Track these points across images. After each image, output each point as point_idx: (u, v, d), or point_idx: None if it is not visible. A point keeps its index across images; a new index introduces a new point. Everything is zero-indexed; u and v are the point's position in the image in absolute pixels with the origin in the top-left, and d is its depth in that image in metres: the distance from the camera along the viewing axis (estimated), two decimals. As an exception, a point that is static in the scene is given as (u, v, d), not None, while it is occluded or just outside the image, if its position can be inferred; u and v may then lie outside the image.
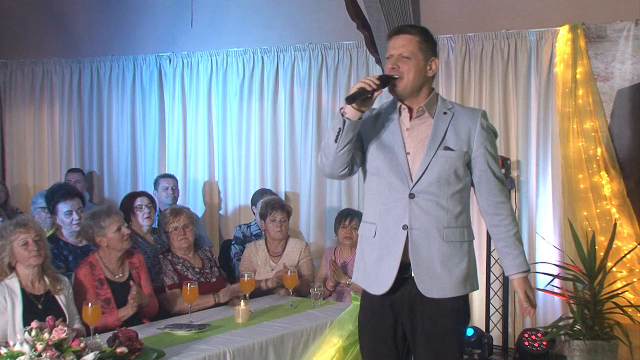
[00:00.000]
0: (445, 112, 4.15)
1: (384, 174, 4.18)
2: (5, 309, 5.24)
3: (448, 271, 4.10)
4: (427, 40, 4.14)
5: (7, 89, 10.88)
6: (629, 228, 7.26)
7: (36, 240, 5.38)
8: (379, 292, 4.17)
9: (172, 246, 6.68)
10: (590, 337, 6.58)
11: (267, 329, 5.68)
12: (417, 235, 4.07)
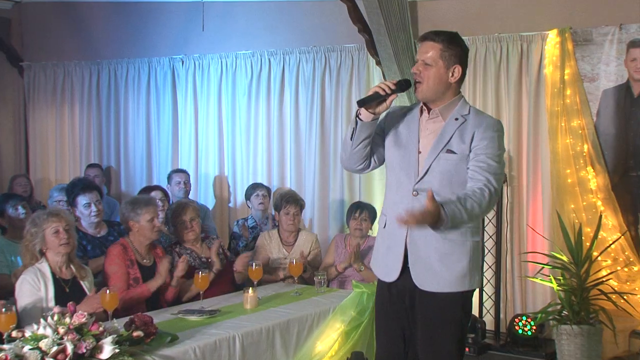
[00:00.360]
0: (457, 118, 4.13)
1: (395, 170, 4.25)
2: (39, 289, 5.31)
3: (446, 267, 4.11)
4: (451, 47, 4.10)
5: (31, 89, 10.87)
6: (613, 220, 7.27)
7: (66, 229, 5.46)
8: (388, 279, 4.24)
9: (181, 238, 6.70)
10: (576, 322, 6.64)
11: (273, 315, 5.70)
12: (416, 232, 4.09)
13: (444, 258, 4.11)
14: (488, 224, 7.78)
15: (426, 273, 4.11)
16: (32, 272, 5.38)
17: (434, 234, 4.05)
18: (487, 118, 4.23)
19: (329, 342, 5.78)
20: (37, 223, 5.46)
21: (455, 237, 4.11)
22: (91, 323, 4.37)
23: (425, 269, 4.11)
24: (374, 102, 4.00)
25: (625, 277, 7.14)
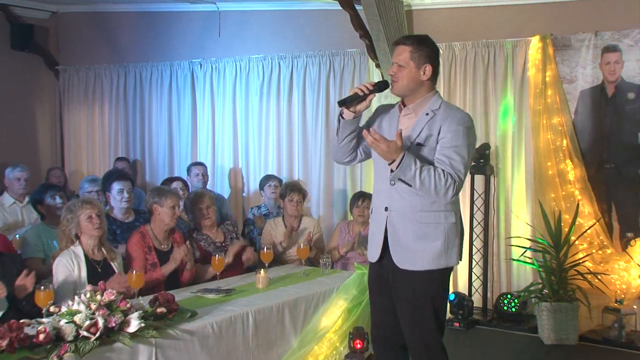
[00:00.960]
0: (427, 113, 4.14)
1: (378, 162, 4.24)
2: (73, 269, 5.35)
3: (422, 248, 4.13)
4: (420, 49, 4.12)
5: (66, 90, 10.87)
6: (589, 208, 7.28)
7: (98, 215, 5.50)
8: (372, 260, 4.30)
9: (198, 224, 6.72)
10: (556, 299, 6.71)
11: (283, 294, 5.72)
12: (394, 216, 4.14)
13: (419, 239, 4.13)
14: (477, 211, 7.81)
15: (404, 253, 4.14)
16: (67, 254, 5.43)
17: (410, 218, 4.10)
18: (455, 112, 4.22)
19: (333, 318, 5.78)
20: (73, 210, 5.52)
21: (430, 221, 4.13)
22: (119, 300, 4.39)
23: (403, 249, 4.14)
24: (353, 102, 4.04)
25: (599, 259, 7.16)
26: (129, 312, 4.38)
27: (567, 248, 6.85)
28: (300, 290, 5.86)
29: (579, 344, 6.73)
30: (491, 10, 7.85)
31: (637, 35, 7.07)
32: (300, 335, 5.68)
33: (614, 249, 7.25)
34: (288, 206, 7.27)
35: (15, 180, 7.87)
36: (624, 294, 7.02)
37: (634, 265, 7.04)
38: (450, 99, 7.93)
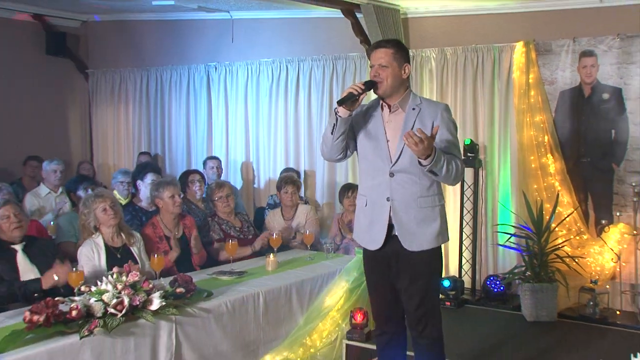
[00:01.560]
0: (414, 108, 4.19)
1: (369, 158, 4.26)
2: (93, 258, 5.40)
3: (423, 230, 4.16)
4: (399, 50, 4.19)
5: (94, 92, 10.92)
6: (568, 197, 7.28)
7: (112, 206, 5.55)
8: (373, 248, 4.27)
9: (218, 211, 6.77)
10: (537, 280, 6.69)
11: (290, 276, 5.81)
12: (397, 205, 4.14)
13: (421, 223, 4.16)
14: (467, 201, 7.79)
15: (410, 237, 4.15)
16: (88, 244, 5.48)
17: (411, 204, 4.14)
18: (438, 104, 4.32)
19: (335, 298, 5.85)
20: (87, 205, 5.56)
21: (428, 204, 4.17)
22: (142, 281, 4.48)
23: (409, 233, 4.15)
24: (349, 101, 4.04)
25: (577, 244, 7.16)
26: (151, 292, 4.47)
27: (547, 234, 6.83)
28: (306, 272, 5.96)
29: (557, 320, 6.71)
30: (480, 18, 7.83)
31: (611, 42, 7.05)
32: (306, 313, 5.76)
33: (590, 234, 7.25)
34: (283, 197, 7.37)
35: (51, 172, 7.96)
36: (598, 275, 7.02)
37: (608, 249, 7.03)
38: (443, 99, 7.94)
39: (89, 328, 4.06)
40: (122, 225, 5.72)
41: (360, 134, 4.27)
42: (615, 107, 7.10)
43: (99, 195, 5.67)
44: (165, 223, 6.23)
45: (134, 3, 9.04)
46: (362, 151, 4.30)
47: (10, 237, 5.19)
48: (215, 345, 4.92)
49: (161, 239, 6.12)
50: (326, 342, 5.70)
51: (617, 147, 7.13)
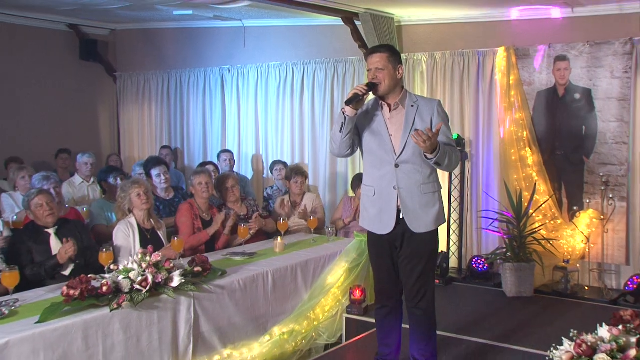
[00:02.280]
0: (412, 105, 4.22)
1: (375, 152, 4.27)
2: (128, 235, 5.51)
3: (426, 213, 4.22)
4: (393, 54, 4.23)
5: (122, 92, 10.91)
6: (544, 186, 7.31)
7: (145, 193, 5.65)
8: (383, 232, 4.28)
9: (225, 200, 6.79)
10: (516, 260, 6.72)
11: (296, 257, 5.84)
12: (403, 192, 4.18)
13: (424, 207, 4.21)
14: (454, 190, 7.80)
15: (416, 220, 4.19)
16: (124, 224, 5.59)
17: (415, 191, 4.18)
18: (433, 101, 4.34)
19: (336, 276, 5.90)
20: (125, 189, 5.67)
21: (429, 190, 4.22)
22: (164, 260, 4.54)
23: (415, 217, 4.19)
24: (355, 101, 4.06)
25: (551, 228, 7.18)
26: (172, 271, 4.52)
27: (526, 219, 6.86)
28: (310, 254, 5.98)
29: (534, 295, 6.75)
30: (466, 26, 7.85)
31: (582, 48, 7.07)
32: (310, 290, 5.80)
33: (563, 219, 7.27)
34: (293, 186, 7.40)
35: (84, 164, 8.00)
36: (570, 256, 7.06)
37: (578, 232, 7.08)
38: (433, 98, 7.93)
39: (117, 302, 4.14)
40: (152, 212, 5.82)
41: (364, 131, 4.29)
42: (586, 106, 7.12)
43: (135, 182, 5.77)
44: (200, 205, 6.34)
45: (157, 13, 9.06)
46: (367, 147, 4.32)
47: (45, 223, 5.27)
48: (229, 318, 4.98)
49: (197, 217, 6.24)
50: (328, 316, 5.75)
51: (587, 141, 7.15)
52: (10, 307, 4.08)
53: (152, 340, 4.37)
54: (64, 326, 3.88)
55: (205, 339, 4.80)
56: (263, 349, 5.15)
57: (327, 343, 5.64)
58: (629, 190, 7.03)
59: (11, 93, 9.59)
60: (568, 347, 2.99)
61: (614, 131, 7.00)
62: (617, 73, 6.94)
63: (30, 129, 9.70)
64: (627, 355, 2.91)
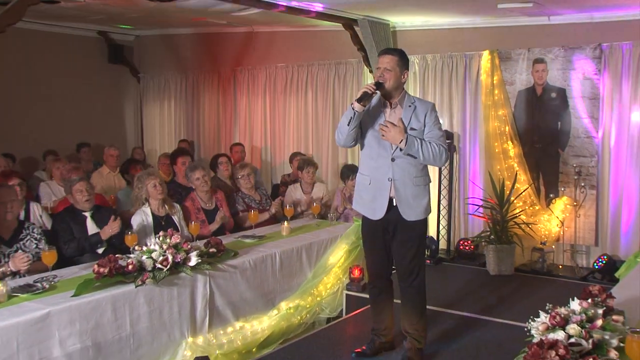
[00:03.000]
0: (409, 105, 4.19)
1: (374, 146, 4.24)
2: (143, 223, 5.54)
3: (417, 203, 4.20)
4: (402, 59, 4.18)
5: (144, 91, 10.91)
6: (524, 176, 7.33)
7: (160, 184, 5.67)
8: (375, 218, 4.26)
9: (241, 187, 6.81)
10: (499, 242, 6.77)
11: (301, 239, 5.83)
12: (398, 183, 4.16)
13: (416, 198, 4.19)
14: (444, 179, 7.80)
15: (408, 209, 4.18)
16: (140, 212, 5.62)
17: (408, 183, 4.17)
18: (428, 103, 4.31)
19: (337, 257, 5.90)
20: (141, 180, 5.68)
21: (420, 183, 4.20)
22: (182, 242, 4.55)
23: (407, 206, 4.18)
24: (365, 99, 4.06)
25: (530, 213, 7.21)
26: (189, 251, 4.54)
27: (507, 205, 6.88)
28: (314, 236, 5.98)
29: (514, 273, 6.78)
30: (454, 31, 7.85)
31: (557, 52, 7.10)
32: (314, 269, 5.80)
33: (541, 206, 7.30)
34: (305, 176, 7.34)
35: (110, 156, 8.04)
36: (546, 238, 7.10)
37: (554, 217, 7.11)
38: (424, 96, 7.97)
39: (142, 279, 4.17)
40: (166, 198, 5.81)
41: (367, 126, 4.25)
42: (561, 104, 7.15)
43: (150, 173, 5.80)
44: (201, 197, 6.27)
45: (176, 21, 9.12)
46: (368, 140, 4.28)
47: (82, 207, 5.38)
48: (240, 294, 5.00)
49: (199, 210, 6.17)
50: (330, 292, 5.76)
51: (562, 135, 7.18)
52: (50, 282, 4.14)
53: (172, 312, 4.41)
54: (96, 300, 3.93)
55: (220, 312, 4.82)
56: (271, 321, 5.17)
57: (328, 317, 5.64)
58: (598, 179, 7.07)
59: (48, 93, 9.65)
60: (544, 318, 3.02)
61: (586, 127, 7.05)
62: (588, 75, 6.98)
63: (64, 124, 9.76)
64: (594, 324, 2.96)
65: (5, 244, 4.71)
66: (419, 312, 4.40)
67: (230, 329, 4.88)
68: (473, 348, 4.67)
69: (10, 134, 8.99)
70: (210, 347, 4.60)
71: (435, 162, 4.17)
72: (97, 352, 3.91)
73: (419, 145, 4.07)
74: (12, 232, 4.79)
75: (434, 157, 4.11)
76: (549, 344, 2.70)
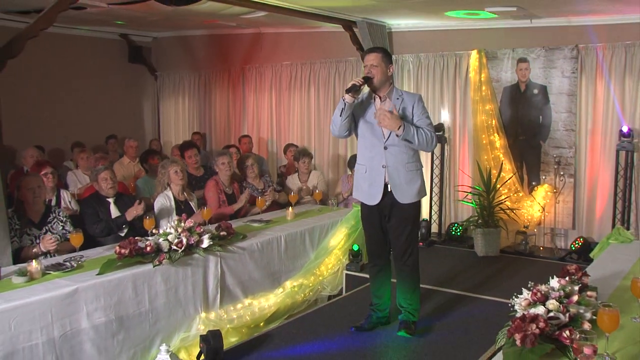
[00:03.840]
0: (398, 98, 4.20)
1: (367, 137, 4.26)
2: (166, 205, 5.58)
3: (410, 187, 4.21)
4: (386, 55, 4.20)
5: (161, 88, 10.87)
6: (509, 165, 7.32)
7: (181, 170, 5.70)
8: (372, 203, 4.28)
9: (247, 176, 6.80)
10: (486, 226, 6.79)
11: (304, 223, 5.86)
12: (391, 170, 4.18)
13: (409, 182, 4.20)
14: (435, 168, 7.79)
15: (402, 193, 4.19)
16: (163, 196, 5.66)
17: (401, 169, 4.17)
18: (415, 95, 4.30)
19: (338, 240, 5.92)
20: (165, 166, 5.73)
21: (413, 169, 4.21)
22: (196, 226, 4.59)
23: (401, 190, 4.19)
24: (354, 91, 4.05)
25: (514, 200, 7.21)
26: (202, 234, 4.57)
27: (494, 192, 6.89)
28: (316, 221, 6.00)
29: (499, 255, 6.80)
30: (445, 32, 7.82)
31: (539, 52, 7.08)
32: (316, 251, 5.82)
33: (524, 193, 7.31)
34: (301, 166, 7.34)
35: (130, 147, 8.06)
36: (529, 222, 7.12)
37: (536, 203, 7.12)
38: (418, 92, 7.89)
39: (159, 259, 4.21)
40: (186, 186, 5.85)
41: (359, 119, 4.27)
42: (542, 100, 7.14)
43: (173, 161, 5.86)
44: (223, 181, 6.32)
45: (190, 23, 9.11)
46: (361, 132, 4.29)
47: (107, 194, 5.45)
48: (249, 273, 5.03)
49: (221, 191, 6.23)
50: (331, 272, 5.78)
51: (543, 128, 7.18)
52: (78, 261, 4.22)
53: (187, 290, 4.44)
54: (118, 278, 3.97)
55: (230, 290, 4.85)
56: (277, 299, 5.19)
57: (329, 294, 5.66)
58: (575, 168, 7.08)
59: (74, 91, 9.68)
60: (526, 295, 3.04)
61: (565, 120, 7.04)
62: (566, 73, 6.97)
63: (89, 119, 9.78)
64: (571, 300, 2.98)
65: (35, 226, 4.78)
66: (413, 288, 4.43)
67: (239, 305, 4.91)
68: (462, 322, 4.70)
69: (40, 128, 9.05)
70: (222, 322, 4.62)
71: (428, 146, 4.17)
72: (120, 325, 3.96)
73: (414, 131, 4.08)
74: (40, 216, 4.87)
75: (427, 142, 4.13)
76: (530, 318, 2.72)
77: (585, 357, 2.35)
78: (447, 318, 4.80)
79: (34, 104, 9.09)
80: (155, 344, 4.16)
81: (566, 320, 2.82)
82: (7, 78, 5.15)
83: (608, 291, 3.61)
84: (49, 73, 9.36)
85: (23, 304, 3.46)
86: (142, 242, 4.28)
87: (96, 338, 3.81)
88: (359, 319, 4.67)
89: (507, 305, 3.14)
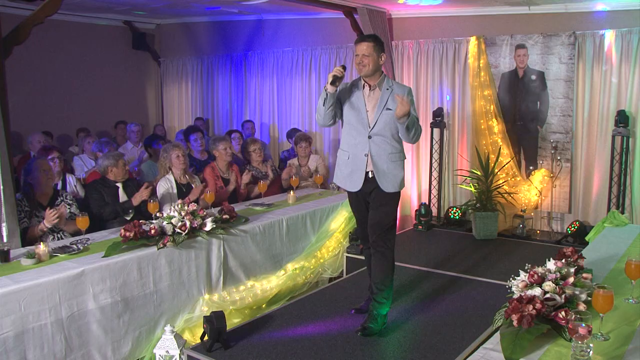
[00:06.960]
0: (387, 88, 4.11)
1: (353, 124, 4.15)
2: (168, 189, 5.59)
3: (393, 177, 4.12)
4: (377, 44, 4.09)
5: (164, 74, 10.88)
6: (506, 150, 7.32)
7: (183, 155, 5.71)
8: (354, 190, 4.20)
9: (252, 160, 6.85)
10: (484, 210, 6.78)
11: (305, 207, 5.86)
12: (375, 158, 4.09)
13: (391, 171, 4.11)
14: (435, 152, 7.79)
15: (385, 181, 4.11)
16: (165, 179, 5.68)
17: (384, 159, 4.10)
18: (405, 87, 4.20)
19: (338, 223, 5.94)
20: (167, 150, 5.74)
21: (395, 159, 4.12)
22: (199, 209, 4.58)
23: (385, 178, 4.11)
24: (336, 82, 3.98)
25: (512, 184, 7.21)
26: (205, 218, 4.59)
27: (492, 177, 6.88)
28: (317, 204, 6.01)
29: (497, 238, 6.81)
30: (445, 19, 7.79)
31: (537, 38, 7.05)
32: (317, 234, 5.84)
33: (521, 177, 7.30)
34: (300, 150, 7.36)
35: (132, 132, 8.08)
36: (526, 206, 7.13)
37: (533, 187, 7.13)
38: (418, 78, 7.96)
39: (163, 242, 4.22)
40: (187, 170, 5.87)
41: (345, 105, 4.17)
42: (540, 85, 7.11)
43: (175, 145, 5.85)
44: (220, 167, 6.32)
45: (192, 10, 9.09)
46: (347, 118, 4.19)
47: (115, 179, 5.47)
48: (251, 256, 5.05)
49: (218, 177, 6.24)
50: (331, 255, 5.81)
51: (540, 114, 7.15)
52: (84, 244, 4.25)
53: (190, 272, 4.46)
54: (123, 260, 3.98)
55: (233, 273, 4.87)
56: (279, 281, 5.22)
57: (330, 277, 5.69)
58: (572, 153, 7.07)
59: (79, 77, 9.70)
60: (523, 277, 3.06)
61: (562, 106, 7.02)
62: (563, 59, 6.94)
63: (93, 104, 9.82)
64: (567, 281, 3.00)
65: (44, 209, 4.81)
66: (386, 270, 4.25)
67: (242, 287, 4.93)
68: (460, 304, 4.72)
69: (47, 114, 9.09)
70: (225, 304, 4.64)
71: (416, 138, 4.13)
72: (125, 306, 3.98)
73: (414, 120, 4.05)
74: (49, 199, 4.93)
75: (417, 134, 4.11)
76: (527, 299, 2.74)
77: (580, 337, 2.36)
78: (446, 300, 4.81)
79: (40, 90, 9.11)
80: (160, 325, 4.19)
81: (562, 301, 2.84)
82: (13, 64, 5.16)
83: (603, 273, 3.63)
84: (54, 60, 9.37)
85: (32, 285, 3.49)
86: (147, 225, 4.29)
87: (102, 319, 3.84)
88: (359, 300, 4.68)
89: (504, 287, 3.16)
